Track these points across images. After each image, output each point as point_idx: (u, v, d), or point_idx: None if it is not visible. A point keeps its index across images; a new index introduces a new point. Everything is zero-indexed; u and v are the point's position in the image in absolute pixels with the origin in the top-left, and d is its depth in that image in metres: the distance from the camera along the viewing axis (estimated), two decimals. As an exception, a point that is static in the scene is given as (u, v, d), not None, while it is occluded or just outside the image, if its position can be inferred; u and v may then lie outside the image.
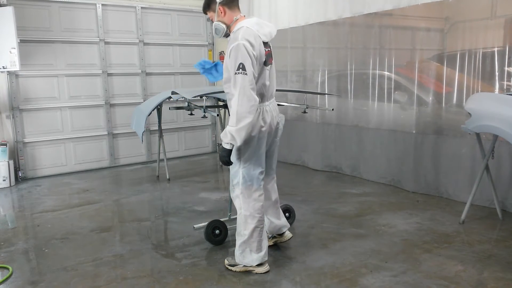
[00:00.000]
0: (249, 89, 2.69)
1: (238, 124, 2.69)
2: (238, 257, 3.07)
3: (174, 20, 7.24)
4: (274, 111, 3.03)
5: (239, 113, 2.69)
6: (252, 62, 2.70)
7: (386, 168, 5.28)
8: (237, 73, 2.68)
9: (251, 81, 2.70)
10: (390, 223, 3.99)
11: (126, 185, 5.76)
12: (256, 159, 2.94)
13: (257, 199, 2.99)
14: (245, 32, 2.74)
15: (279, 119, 3.12)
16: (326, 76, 6.00)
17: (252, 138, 2.87)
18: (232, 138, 2.73)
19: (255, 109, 2.74)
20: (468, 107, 3.66)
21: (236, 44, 2.69)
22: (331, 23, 5.77)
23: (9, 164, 5.69)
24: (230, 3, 2.83)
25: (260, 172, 2.99)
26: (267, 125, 2.92)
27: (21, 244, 3.72)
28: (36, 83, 6.11)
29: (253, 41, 2.73)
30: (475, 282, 2.87)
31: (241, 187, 2.97)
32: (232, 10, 2.86)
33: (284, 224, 3.44)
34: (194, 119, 7.02)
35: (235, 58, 2.69)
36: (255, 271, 3.06)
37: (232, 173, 3.04)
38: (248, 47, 2.69)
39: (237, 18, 2.86)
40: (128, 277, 3.05)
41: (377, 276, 2.95)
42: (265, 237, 3.08)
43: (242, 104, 2.68)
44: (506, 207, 4.18)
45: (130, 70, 6.89)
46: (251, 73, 2.70)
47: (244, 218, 3.00)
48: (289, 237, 3.46)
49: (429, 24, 4.76)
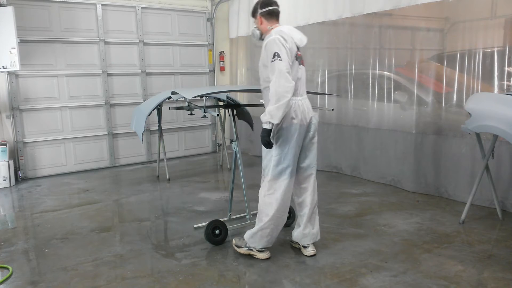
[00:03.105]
0: (285, 72, 2.92)
1: (277, 102, 2.90)
2: (247, 235, 3.24)
3: (174, 20, 7.24)
4: (307, 107, 3.17)
5: (278, 92, 2.90)
6: (286, 52, 2.96)
7: (386, 168, 5.28)
8: (273, 61, 2.94)
9: (287, 66, 2.94)
10: (390, 223, 3.99)
11: (126, 185, 5.76)
12: (288, 150, 3.08)
13: (283, 189, 3.11)
14: (278, 31, 3.07)
15: (313, 115, 3.24)
16: (326, 76, 6.00)
17: (284, 128, 3.04)
18: (270, 116, 2.92)
19: (292, 90, 2.94)
20: (468, 107, 3.66)
21: (271, 39, 3.01)
22: (331, 23, 5.77)
23: (9, 164, 5.70)
24: (267, 16, 3.21)
25: (290, 163, 3.10)
26: (298, 118, 3.07)
27: (21, 244, 3.72)
28: (36, 83, 6.11)
29: (285, 37, 3.02)
30: (475, 282, 2.87)
31: (271, 176, 3.12)
32: (268, 21, 3.22)
33: (309, 237, 3.29)
34: (194, 119, 7.04)
35: (270, 49, 2.98)
36: (256, 256, 3.23)
37: (264, 163, 3.21)
38: (281, 40, 2.98)
39: (271, 27, 3.19)
40: (128, 277, 3.05)
41: (377, 276, 2.95)
42: (279, 229, 3.21)
43: (280, 84, 2.90)
44: (506, 207, 4.18)
45: (130, 70, 6.89)
46: (286, 60, 2.94)
47: (266, 204, 3.15)
48: (311, 254, 3.28)
49: (429, 24, 4.76)
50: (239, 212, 4.12)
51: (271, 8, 3.20)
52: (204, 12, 7.50)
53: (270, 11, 3.20)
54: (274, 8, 3.22)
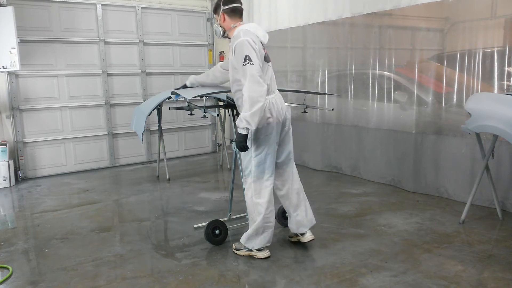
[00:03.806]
0: (257, 76, 2.91)
1: (251, 108, 2.88)
2: (243, 238, 3.26)
3: (174, 20, 7.24)
4: (280, 103, 3.18)
5: (251, 98, 2.88)
6: (256, 54, 2.95)
7: (386, 168, 5.28)
8: (245, 64, 2.91)
9: (258, 70, 2.93)
10: (390, 223, 3.99)
11: (126, 185, 5.76)
12: (267, 148, 3.12)
13: (268, 187, 3.17)
14: (245, 32, 3.02)
15: (286, 110, 3.26)
16: (326, 76, 6.00)
17: (261, 129, 3.06)
18: (247, 123, 2.91)
19: (265, 93, 2.94)
20: (468, 107, 3.66)
21: (240, 41, 2.96)
22: (331, 23, 5.77)
23: (9, 164, 5.70)
24: (231, 13, 3.15)
25: (271, 161, 3.15)
26: (274, 116, 3.10)
27: (21, 244, 3.72)
28: (36, 83, 6.10)
29: (253, 38, 3.00)
30: (475, 282, 2.87)
31: (253, 176, 3.16)
32: (232, 19, 3.16)
33: (304, 223, 3.38)
34: (194, 119, 7.03)
35: (240, 53, 2.94)
36: (256, 255, 3.24)
37: (244, 164, 3.24)
38: (251, 42, 2.95)
39: (235, 25, 3.15)
40: (128, 277, 3.05)
41: (377, 276, 2.95)
42: (271, 225, 3.22)
43: (253, 90, 2.89)
44: (506, 207, 4.18)
45: (130, 70, 6.89)
46: (257, 63, 2.93)
47: (255, 205, 3.18)
48: (309, 239, 3.39)
49: (429, 24, 4.76)
50: (239, 212, 4.12)
51: (235, 5, 3.14)
52: (204, 12, 7.49)
53: (233, 8, 3.14)
54: (238, 6, 3.16)
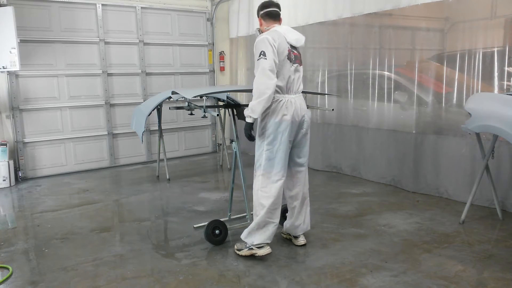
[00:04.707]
0: (268, 70, 3.04)
1: (258, 98, 3.05)
2: (244, 233, 3.29)
3: (174, 20, 7.24)
4: (300, 104, 3.27)
5: (259, 89, 3.04)
6: (273, 51, 3.07)
7: (386, 168, 5.28)
8: (259, 59, 3.08)
9: (271, 65, 3.06)
10: (390, 223, 3.99)
11: (126, 185, 5.76)
12: (278, 144, 3.19)
13: (275, 182, 3.21)
14: (270, 31, 3.22)
15: (305, 112, 3.33)
16: (326, 76, 6.00)
17: (274, 123, 3.16)
18: (252, 111, 3.08)
19: (272, 87, 3.06)
20: (468, 107, 3.66)
21: (259, 38, 3.15)
22: (331, 23, 5.77)
23: (9, 164, 5.70)
24: (266, 17, 3.38)
25: (281, 157, 3.20)
26: (290, 114, 3.18)
27: (21, 244, 3.72)
28: (36, 83, 6.11)
29: (275, 37, 3.13)
30: (475, 282, 2.87)
31: (263, 169, 3.23)
32: (266, 22, 3.37)
33: (301, 228, 3.47)
34: (194, 119, 7.04)
35: (258, 48, 3.11)
36: (258, 253, 3.25)
37: (256, 156, 3.31)
38: (270, 39, 3.09)
39: (268, 28, 3.33)
40: (128, 277, 3.05)
41: (377, 276, 2.95)
42: (273, 222, 3.24)
43: (261, 82, 3.04)
44: (506, 207, 4.18)
45: (130, 70, 6.89)
46: (271, 59, 3.06)
47: (259, 198, 3.23)
48: (301, 243, 3.49)
49: (429, 24, 4.76)
50: (239, 212, 4.13)
51: (268, 10, 3.36)
52: (204, 12, 7.50)
53: (268, 13, 3.36)
54: (272, 10, 3.36)
